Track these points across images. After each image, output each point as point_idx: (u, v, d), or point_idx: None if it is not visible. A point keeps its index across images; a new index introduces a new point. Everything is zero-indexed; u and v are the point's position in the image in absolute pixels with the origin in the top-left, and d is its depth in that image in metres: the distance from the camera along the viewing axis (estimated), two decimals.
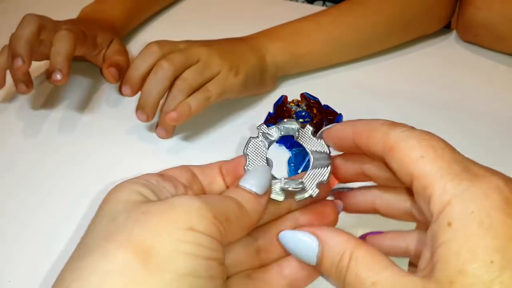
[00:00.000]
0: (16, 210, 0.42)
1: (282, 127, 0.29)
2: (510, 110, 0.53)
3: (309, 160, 0.28)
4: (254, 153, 0.28)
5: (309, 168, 0.27)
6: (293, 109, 0.50)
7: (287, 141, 0.47)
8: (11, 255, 0.38)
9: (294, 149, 0.46)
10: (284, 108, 0.50)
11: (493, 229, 0.19)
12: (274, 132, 0.29)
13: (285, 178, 0.27)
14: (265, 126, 0.29)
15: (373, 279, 0.21)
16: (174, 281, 0.19)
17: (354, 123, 0.25)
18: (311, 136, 0.28)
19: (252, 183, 0.25)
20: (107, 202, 0.22)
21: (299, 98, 0.52)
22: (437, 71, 0.59)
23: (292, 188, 0.26)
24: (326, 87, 0.56)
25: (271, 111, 0.51)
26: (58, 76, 0.45)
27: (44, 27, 0.47)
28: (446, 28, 0.65)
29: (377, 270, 0.21)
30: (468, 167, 0.21)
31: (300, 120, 0.49)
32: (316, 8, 0.74)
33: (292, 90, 0.55)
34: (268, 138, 0.28)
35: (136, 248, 0.19)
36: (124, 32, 0.61)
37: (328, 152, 0.28)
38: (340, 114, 0.48)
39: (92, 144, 0.49)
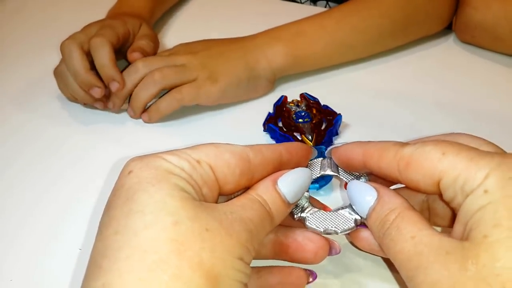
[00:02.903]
0: (17, 208, 0.42)
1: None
2: (509, 110, 0.53)
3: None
4: (327, 219, 0.28)
5: (338, 173, 0.30)
6: (293, 109, 0.50)
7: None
8: (12, 254, 0.38)
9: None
10: (284, 108, 0.51)
11: None
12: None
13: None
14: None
15: (413, 233, 0.22)
16: None
17: (365, 144, 0.26)
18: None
19: (289, 190, 0.25)
20: (157, 188, 0.21)
21: (298, 99, 0.52)
22: (436, 72, 0.59)
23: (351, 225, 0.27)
24: (325, 88, 0.56)
25: (271, 111, 0.51)
26: (116, 85, 0.48)
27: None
28: (447, 29, 0.65)
29: (419, 228, 0.22)
30: (489, 151, 0.22)
31: (300, 120, 0.49)
32: (319, 9, 0.74)
33: (292, 90, 0.55)
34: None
35: (208, 274, 0.19)
36: (150, 23, 0.62)
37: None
38: (339, 114, 0.48)
39: (89, 136, 0.49)
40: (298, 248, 0.27)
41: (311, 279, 0.29)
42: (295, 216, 0.28)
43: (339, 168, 0.30)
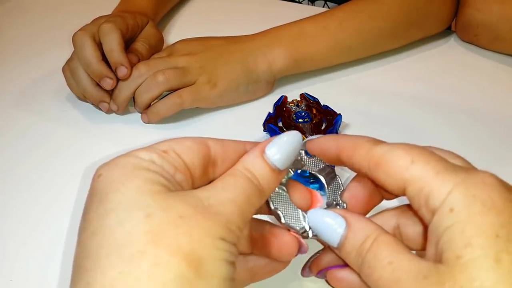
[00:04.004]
0: (18, 209, 0.42)
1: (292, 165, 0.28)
2: (510, 110, 0.53)
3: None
4: (284, 204, 0.27)
5: (326, 188, 0.29)
6: (293, 109, 0.50)
7: None
8: (12, 254, 0.38)
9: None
10: (284, 109, 0.50)
11: (496, 208, 0.20)
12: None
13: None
14: None
15: (390, 258, 0.22)
16: (220, 285, 0.20)
17: (338, 137, 0.26)
18: (305, 157, 0.28)
19: (278, 157, 0.24)
20: (127, 186, 0.21)
21: (298, 99, 0.52)
22: (437, 72, 0.59)
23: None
24: (325, 88, 0.56)
25: (271, 111, 0.51)
26: (124, 70, 0.48)
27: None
28: (447, 30, 0.65)
29: (396, 252, 0.22)
30: (456, 166, 0.22)
31: (300, 120, 0.49)
32: (318, 9, 0.74)
33: (292, 90, 0.55)
34: (282, 182, 0.28)
35: (189, 257, 0.19)
36: (154, 21, 0.63)
37: (326, 163, 0.29)
38: (339, 114, 0.48)
39: (91, 137, 0.49)
40: (265, 243, 0.27)
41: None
42: None
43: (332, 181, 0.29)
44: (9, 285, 0.36)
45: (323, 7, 0.75)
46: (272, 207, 0.27)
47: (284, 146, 0.25)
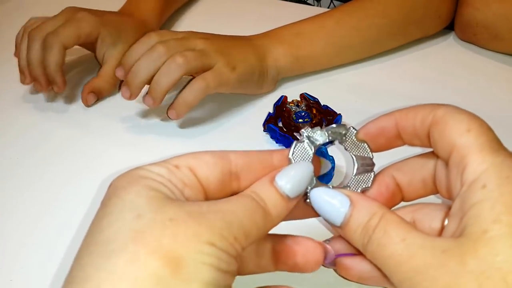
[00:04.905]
0: (18, 209, 0.42)
1: (330, 132, 0.27)
2: (509, 109, 0.53)
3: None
4: (300, 158, 0.26)
5: (354, 174, 0.27)
6: (293, 109, 0.50)
7: (287, 140, 0.47)
8: (12, 254, 0.38)
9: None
10: (284, 109, 0.51)
11: None
12: (320, 136, 0.27)
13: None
14: (310, 129, 0.27)
15: (403, 236, 0.22)
16: None
17: (394, 111, 0.26)
18: (355, 140, 0.27)
19: (289, 185, 0.24)
20: (127, 191, 0.22)
21: (299, 99, 0.52)
22: (436, 71, 0.59)
23: None
24: (325, 88, 0.56)
25: (271, 111, 0.51)
26: (56, 88, 0.52)
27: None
28: (448, 29, 0.65)
29: (408, 230, 0.22)
30: (503, 148, 0.23)
31: (300, 120, 0.49)
32: (322, 9, 0.74)
33: (292, 90, 0.55)
34: (314, 142, 0.27)
35: (167, 257, 0.19)
36: (158, 25, 0.63)
37: (372, 156, 0.28)
38: (339, 114, 0.48)
39: (90, 137, 0.49)
40: (289, 253, 0.26)
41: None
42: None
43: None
44: (9, 285, 0.36)
45: (328, 7, 0.75)
46: (291, 155, 0.26)
47: (295, 177, 0.24)
